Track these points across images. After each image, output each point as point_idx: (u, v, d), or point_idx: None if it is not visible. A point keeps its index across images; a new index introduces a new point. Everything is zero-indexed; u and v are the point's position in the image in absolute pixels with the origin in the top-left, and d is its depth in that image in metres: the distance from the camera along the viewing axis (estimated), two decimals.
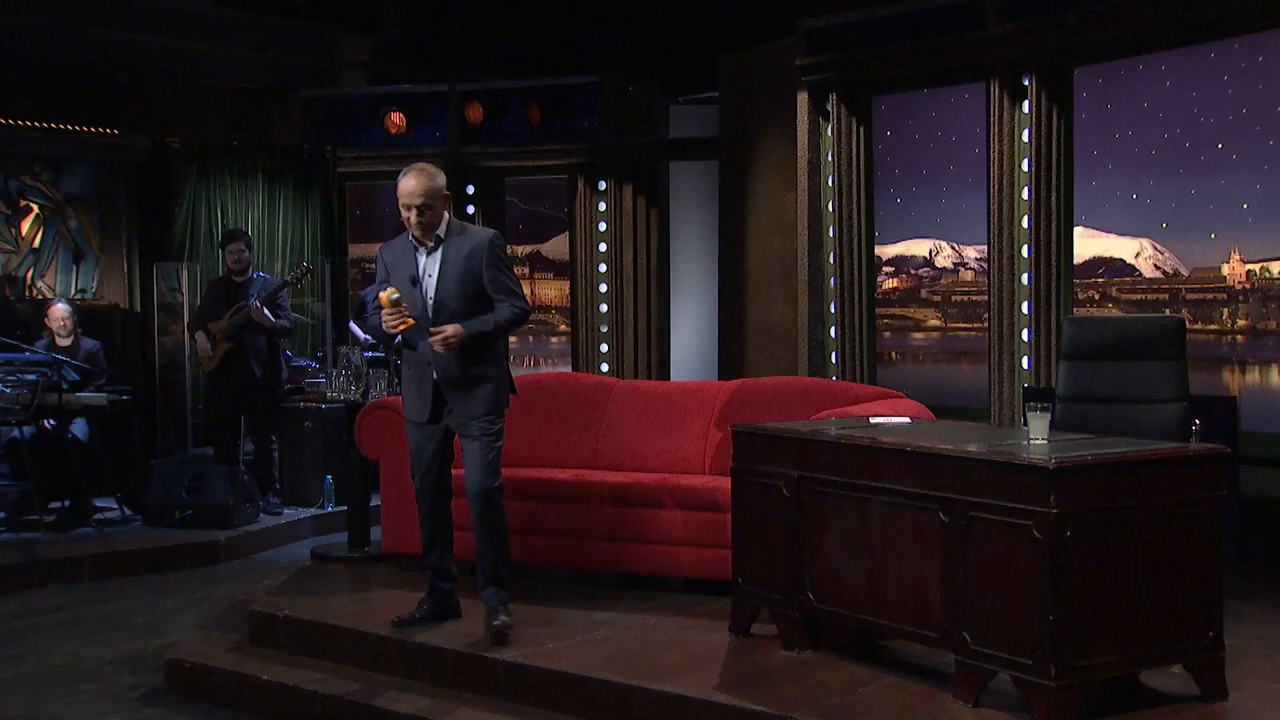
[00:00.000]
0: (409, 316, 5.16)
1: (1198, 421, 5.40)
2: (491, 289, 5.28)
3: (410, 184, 5.20)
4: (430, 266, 5.29)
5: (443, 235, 5.28)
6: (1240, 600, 5.29)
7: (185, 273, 10.10)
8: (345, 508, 7.61)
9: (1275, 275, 6.94)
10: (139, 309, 10.48)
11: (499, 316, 5.29)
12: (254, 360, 8.49)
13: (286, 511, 8.63)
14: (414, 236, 5.28)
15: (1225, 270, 7.18)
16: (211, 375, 8.66)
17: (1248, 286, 7.07)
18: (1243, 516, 6.07)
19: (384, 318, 5.16)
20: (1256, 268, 7.02)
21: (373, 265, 10.38)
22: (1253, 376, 7.08)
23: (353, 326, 9.71)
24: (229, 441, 8.73)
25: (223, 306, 8.53)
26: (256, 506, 8.45)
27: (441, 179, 5.27)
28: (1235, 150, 7.02)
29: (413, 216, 5.21)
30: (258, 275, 8.73)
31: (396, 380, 7.80)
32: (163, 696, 5.53)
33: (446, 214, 5.32)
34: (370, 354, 8.63)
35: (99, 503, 8.61)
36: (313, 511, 8.68)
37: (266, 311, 8.41)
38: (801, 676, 4.66)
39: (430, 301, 5.27)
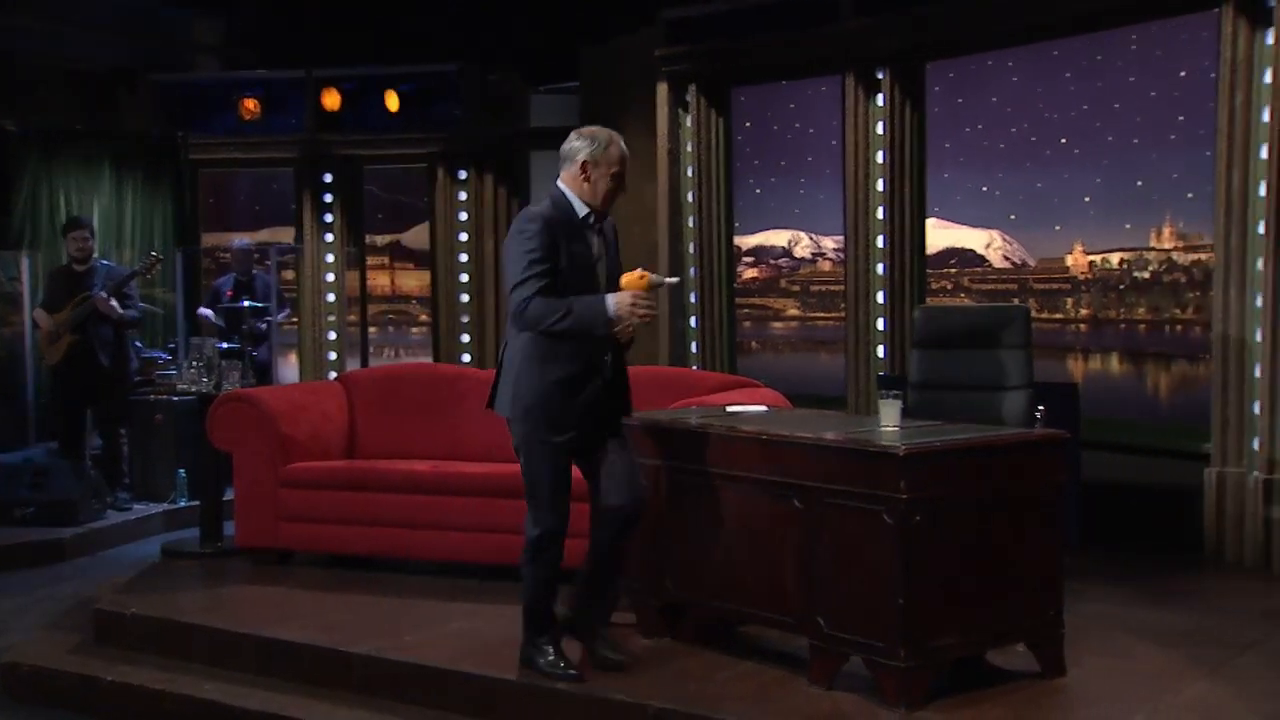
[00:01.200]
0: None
1: (1041, 408, 5.57)
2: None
3: (623, 148, 4.48)
4: (598, 247, 4.53)
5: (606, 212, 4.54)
6: (1080, 580, 5.47)
7: (26, 261, 9.71)
8: (198, 502, 7.43)
9: (1114, 266, 7.20)
10: None
11: None
12: (101, 351, 8.21)
13: (137, 507, 8.37)
14: (592, 210, 4.46)
15: (1069, 261, 7.42)
16: (56, 367, 8.36)
17: (1089, 277, 7.32)
18: (1083, 499, 6.28)
19: (636, 306, 4.32)
20: (1098, 258, 7.28)
21: (226, 255, 10.32)
22: (1094, 364, 7.34)
23: (204, 312, 9.48)
24: (75, 435, 8.43)
25: (65, 296, 8.24)
26: (104, 502, 8.18)
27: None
28: (1077, 145, 7.26)
29: (616, 186, 4.47)
30: (101, 264, 8.45)
31: (252, 372, 7.65)
32: None
33: None
34: (224, 344, 8.44)
35: None
36: (164, 506, 8.44)
37: (114, 302, 8.15)
38: (660, 664, 4.69)
39: (603, 288, 4.47)
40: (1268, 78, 6.09)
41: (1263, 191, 6.12)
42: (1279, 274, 6.02)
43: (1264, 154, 6.11)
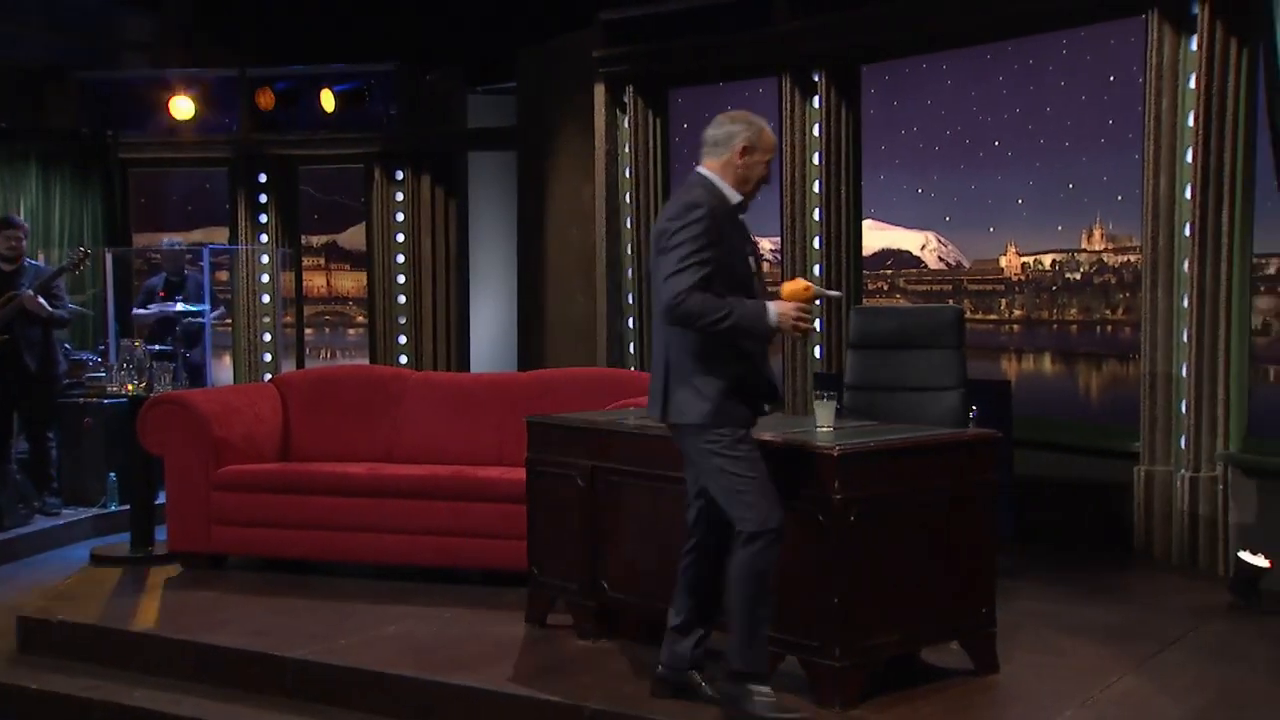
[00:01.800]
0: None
1: (975, 408, 5.62)
2: None
3: (773, 136, 4.30)
4: (747, 238, 4.31)
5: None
6: (1012, 578, 5.54)
7: None
8: (128, 506, 7.32)
9: (1046, 267, 7.29)
10: None
11: None
12: (27, 353, 8.05)
13: (66, 512, 8.21)
14: (743, 197, 4.22)
15: (1003, 262, 7.51)
16: None
17: (1022, 278, 7.41)
18: (1016, 498, 6.36)
19: (798, 319, 4.07)
20: (1030, 260, 7.37)
21: (157, 256, 10.17)
22: (1027, 364, 7.43)
23: (139, 313, 9.34)
24: (1, 439, 8.27)
25: None
26: (31, 507, 8.02)
27: None
28: (1010, 148, 7.35)
29: (766, 174, 4.25)
30: (30, 263, 8.29)
31: (187, 375, 7.55)
32: None
33: None
34: (155, 346, 8.31)
35: None
36: (94, 511, 8.28)
37: (42, 300, 8.00)
38: (596, 665, 4.69)
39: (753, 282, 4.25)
40: (1192, 83, 6.20)
41: (1189, 194, 6.23)
42: (1204, 275, 6.13)
43: (1189, 158, 6.22)
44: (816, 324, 4.13)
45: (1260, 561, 5.46)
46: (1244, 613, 5.38)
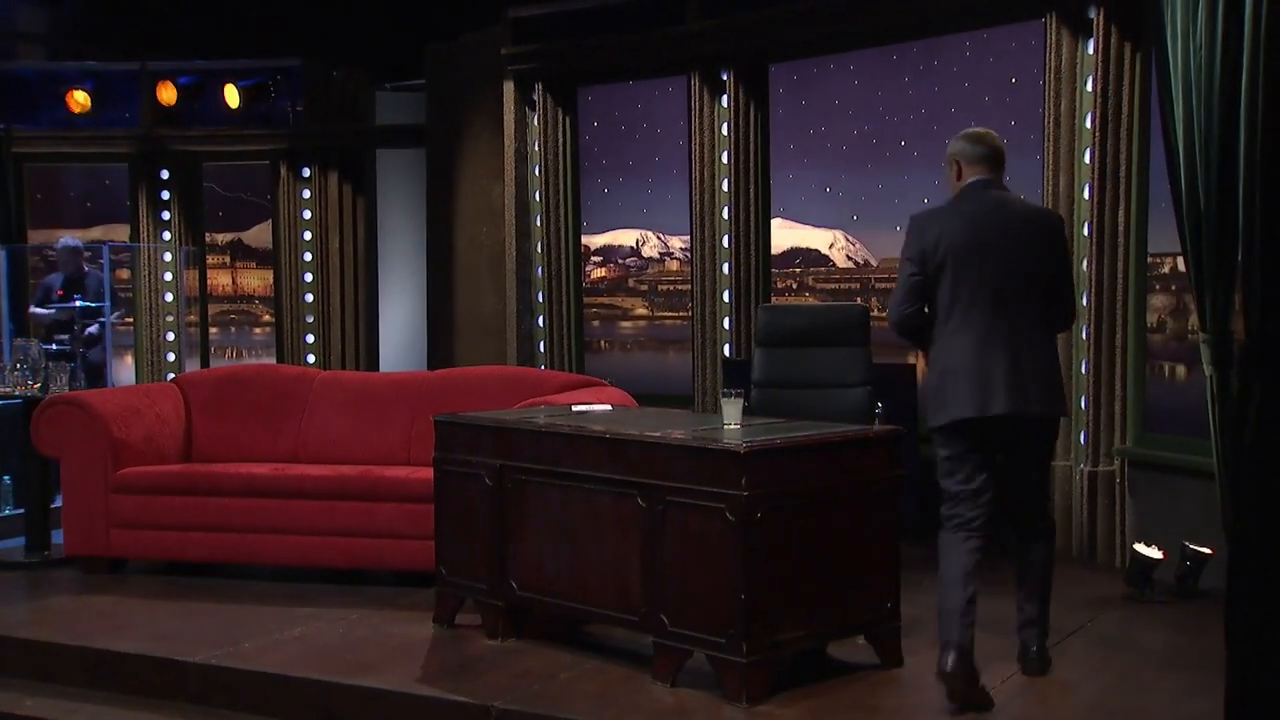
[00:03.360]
0: None
1: (880, 405, 5.69)
2: None
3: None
4: None
5: None
6: (917, 571, 5.60)
7: None
8: (23, 510, 7.13)
9: None
10: None
11: None
12: None
13: None
14: None
15: None
16: None
17: None
18: (921, 491, 6.44)
19: None
20: None
21: (54, 253, 9.90)
22: None
23: (37, 311, 9.11)
24: None
25: None
26: None
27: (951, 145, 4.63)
28: (916, 148, 7.44)
29: None
30: None
31: (85, 375, 7.37)
32: None
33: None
34: (52, 346, 8.12)
35: None
36: None
37: None
38: (504, 665, 4.67)
39: None
40: (1089, 85, 6.33)
41: (1087, 194, 6.36)
42: (1101, 274, 6.26)
43: (1087, 158, 6.35)
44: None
45: (1154, 553, 5.59)
46: (1139, 603, 5.51)
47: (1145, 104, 6.13)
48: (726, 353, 8.18)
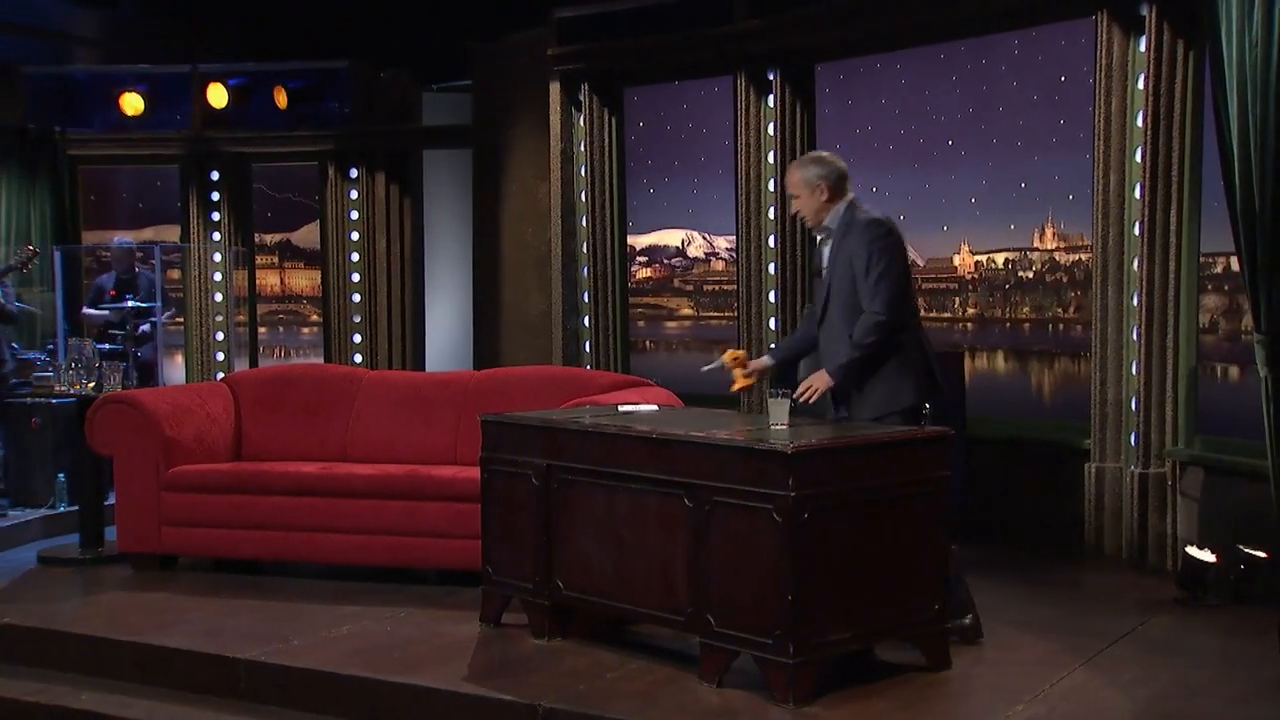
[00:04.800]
0: (746, 378, 5.23)
1: (928, 406, 5.65)
2: (861, 295, 4.87)
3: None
4: (828, 259, 5.04)
5: (831, 226, 5.01)
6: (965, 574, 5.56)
7: None
8: (77, 507, 7.23)
9: (999, 266, 7.34)
10: None
11: (855, 339, 4.85)
12: None
13: (13, 513, 8.11)
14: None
15: (956, 261, 7.55)
16: None
17: (975, 276, 7.45)
18: (969, 494, 6.40)
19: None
20: (983, 258, 7.42)
21: (107, 254, 10.03)
22: (980, 362, 7.47)
23: (90, 313, 9.23)
24: None
25: None
26: None
27: (812, 169, 5.04)
28: (963, 147, 7.39)
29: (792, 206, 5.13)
30: None
31: (137, 374, 7.46)
32: None
33: (837, 205, 5.01)
34: (105, 345, 8.22)
35: None
36: (43, 512, 8.18)
37: None
38: (550, 664, 4.68)
39: (825, 299, 5.02)
40: (1141, 83, 6.26)
41: (1138, 194, 6.29)
42: (1153, 274, 6.19)
43: (1139, 157, 6.28)
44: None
45: (1206, 556, 5.52)
46: (1191, 607, 5.44)
47: (1198, 102, 6.06)
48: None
